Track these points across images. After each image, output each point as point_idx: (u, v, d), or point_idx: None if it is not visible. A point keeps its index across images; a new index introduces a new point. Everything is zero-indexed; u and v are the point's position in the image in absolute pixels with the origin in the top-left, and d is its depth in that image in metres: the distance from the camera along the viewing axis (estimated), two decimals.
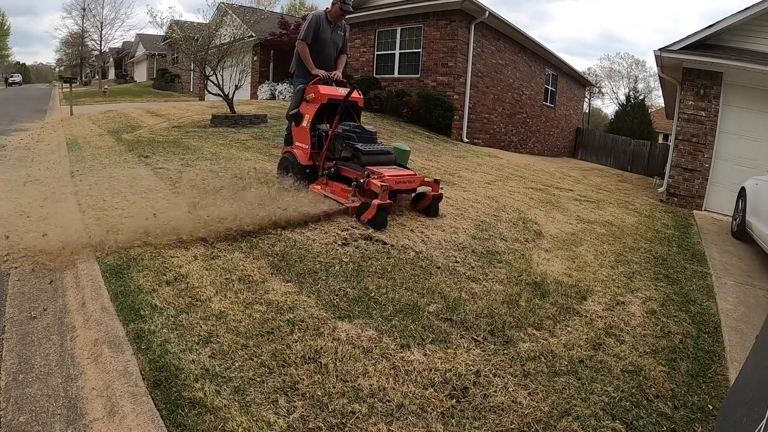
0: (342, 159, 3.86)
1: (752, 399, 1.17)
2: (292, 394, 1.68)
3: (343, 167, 3.82)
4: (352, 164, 3.77)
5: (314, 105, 4.03)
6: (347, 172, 3.78)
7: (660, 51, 7.87)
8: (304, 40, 4.27)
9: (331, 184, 3.89)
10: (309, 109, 4.07)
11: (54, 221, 3.06)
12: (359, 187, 3.57)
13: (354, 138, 3.85)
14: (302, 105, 4.16)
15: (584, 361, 2.13)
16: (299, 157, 4.06)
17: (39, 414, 1.50)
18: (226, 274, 2.53)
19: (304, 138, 4.10)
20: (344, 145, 3.85)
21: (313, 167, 4.05)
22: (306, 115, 4.09)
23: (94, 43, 35.17)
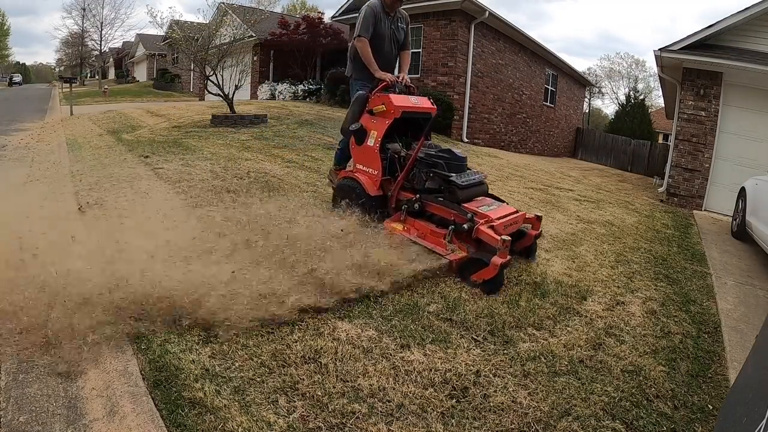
0: (426, 191, 3.09)
1: (752, 399, 1.17)
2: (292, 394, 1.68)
3: (429, 203, 3.02)
4: (445, 200, 2.98)
5: (384, 119, 3.24)
6: (436, 209, 2.99)
7: (660, 51, 7.87)
8: (362, 35, 3.51)
9: (413, 223, 3.05)
10: (377, 125, 3.27)
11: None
12: (458, 232, 2.82)
13: (443, 165, 3.06)
14: (365, 118, 3.35)
15: (584, 361, 2.13)
16: (366, 186, 3.25)
17: (39, 414, 1.50)
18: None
19: (371, 161, 3.29)
20: (431, 174, 3.08)
21: (382, 198, 3.26)
22: (373, 132, 3.27)
23: (94, 43, 35.22)
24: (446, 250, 2.82)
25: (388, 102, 3.22)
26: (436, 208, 3.00)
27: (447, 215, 2.92)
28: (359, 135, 3.34)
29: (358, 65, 3.68)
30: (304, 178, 4.91)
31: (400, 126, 3.30)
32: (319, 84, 14.24)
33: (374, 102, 3.31)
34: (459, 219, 2.84)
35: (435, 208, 3.00)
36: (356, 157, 3.44)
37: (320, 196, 4.21)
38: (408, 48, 3.89)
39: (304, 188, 4.41)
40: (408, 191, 3.18)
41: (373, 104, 3.31)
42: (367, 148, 3.31)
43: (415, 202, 3.04)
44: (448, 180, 3.01)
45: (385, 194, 3.27)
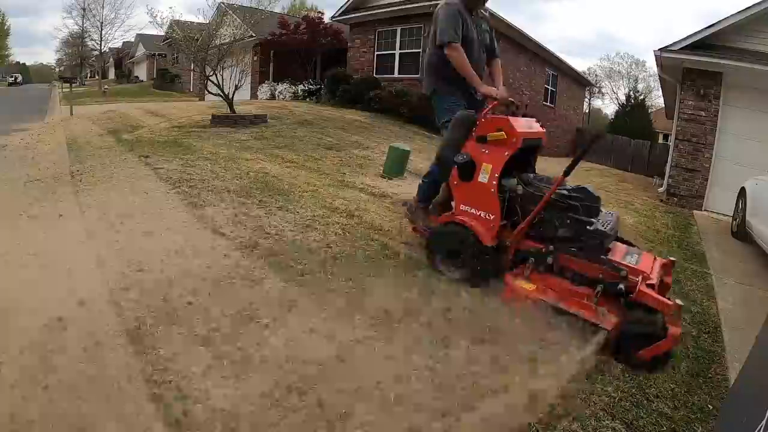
0: (560, 239, 2.41)
1: (752, 399, 1.17)
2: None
3: (564, 255, 2.37)
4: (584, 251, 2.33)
5: (503, 150, 2.55)
6: (575, 264, 2.35)
7: (660, 51, 7.87)
8: (452, 41, 2.81)
9: (547, 281, 2.38)
10: (493, 156, 2.57)
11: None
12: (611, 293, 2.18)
13: (578, 208, 2.41)
14: (472, 146, 2.64)
15: (584, 360, 2.13)
16: (480, 234, 2.57)
17: None
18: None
19: (486, 202, 2.59)
20: (568, 220, 2.40)
21: (497, 248, 2.59)
22: (487, 165, 2.57)
23: (94, 43, 35.19)
24: (599, 316, 2.15)
25: (508, 127, 2.54)
26: (576, 262, 2.34)
27: (590, 271, 2.29)
28: (466, 170, 2.63)
29: (442, 77, 2.97)
30: (304, 178, 4.91)
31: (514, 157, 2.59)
32: (319, 84, 14.24)
33: (488, 126, 2.61)
34: (608, 277, 2.21)
35: (573, 262, 2.35)
36: (461, 196, 2.70)
37: (321, 199, 4.20)
38: (498, 56, 3.16)
39: (304, 188, 4.41)
40: (531, 240, 2.51)
41: (486, 129, 2.61)
42: (479, 185, 2.60)
43: (549, 253, 2.38)
44: (589, 226, 2.35)
45: (500, 243, 2.59)
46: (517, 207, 2.58)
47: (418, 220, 3.05)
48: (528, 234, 2.52)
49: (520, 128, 2.57)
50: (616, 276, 2.19)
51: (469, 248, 2.59)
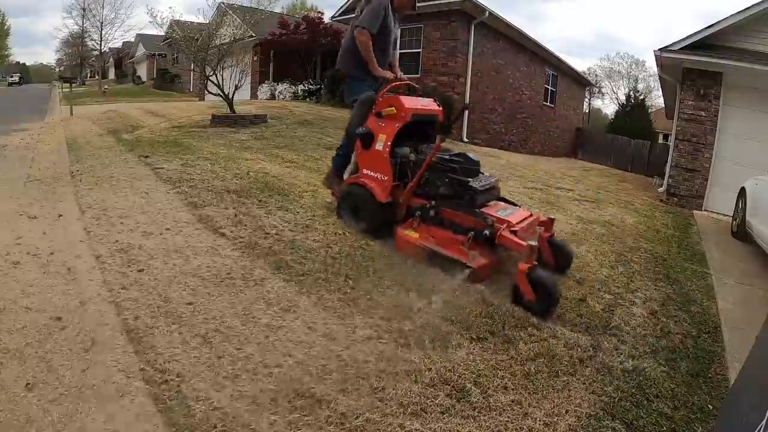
0: (441, 197, 2.91)
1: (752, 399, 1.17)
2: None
3: (445, 209, 2.86)
4: (461, 206, 2.83)
5: (395, 122, 3.10)
6: (452, 215, 2.84)
7: (660, 51, 7.87)
8: (369, 29, 3.32)
9: (428, 230, 2.89)
10: (386, 128, 3.12)
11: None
12: (480, 237, 2.67)
13: (458, 170, 2.93)
14: (372, 120, 3.19)
15: (584, 361, 2.13)
16: (376, 192, 3.09)
17: None
18: None
19: (381, 166, 3.12)
20: (447, 179, 2.91)
21: (391, 205, 3.11)
22: (382, 136, 3.12)
23: (94, 43, 35.20)
24: (468, 257, 2.64)
25: (398, 104, 3.09)
26: (453, 214, 2.83)
27: (465, 222, 2.76)
28: (366, 139, 3.18)
29: (358, 63, 3.46)
30: (304, 178, 4.90)
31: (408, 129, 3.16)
32: (319, 84, 14.24)
33: (382, 104, 3.15)
34: (478, 225, 2.69)
35: (452, 214, 2.83)
36: (363, 162, 3.25)
37: (321, 199, 4.20)
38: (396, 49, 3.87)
39: (304, 188, 4.41)
40: (419, 197, 3.01)
41: (381, 106, 3.15)
42: (375, 152, 3.15)
43: (431, 208, 2.89)
44: (465, 185, 2.85)
45: (394, 201, 3.11)
46: (408, 171, 3.08)
47: (333, 186, 3.65)
48: (416, 192, 3.02)
49: (409, 105, 3.11)
50: (484, 224, 2.67)
51: (367, 204, 3.15)
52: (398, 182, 3.12)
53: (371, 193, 3.11)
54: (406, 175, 3.11)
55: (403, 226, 3.01)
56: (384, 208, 3.09)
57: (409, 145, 3.19)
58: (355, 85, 3.55)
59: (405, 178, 3.11)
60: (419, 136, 3.28)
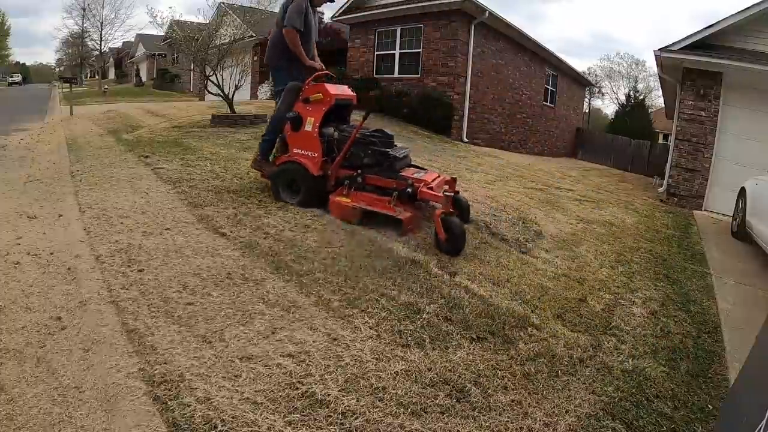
0: (366, 167, 3.49)
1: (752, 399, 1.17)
2: None
3: (370, 176, 3.46)
4: (384, 172, 3.43)
5: (320, 106, 3.61)
6: (377, 180, 3.44)
7: (660, 51, 7.87)
8: (295, 26, 3.76)
9: (358, 195, 3.46)
10: (313, 112, 3.62)
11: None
12: (404, 195, 3.28)
13: (378, 143, 3.52)
14: (299, 106, 3.69)
15: (584, 361, 2.13)
16: (310, 167, 3.57)
17: None
18: None
19: (310, 145, 3.60)
20: (370, 151, 3.50)
21: (323, 177, 3.62)
22: (310, 118, 3.61)
23: (94, 43, 35.19)
24: (396, 212, 3.28)
25: (324, 91, 3.62)
26: (377, 179, 3.43)
27: (388, 184, 3.37)
28: (295, 122, 3.65)
29: (285, 54, 3.89)
30: None
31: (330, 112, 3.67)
32: None
33: (310, 91, 3.67)
34: (400, 186, 3.30)
35: (376, 179, 3.44)
36: (294, 142, 3.71)
37: None
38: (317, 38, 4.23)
39: None
40: (345, 169, 3.56)
41: (308, 93, 3.67)
42: (305, 133, 3.63)
43: (358, 176, 3.46)
44: (385, 154, 3.45)
45: (324, 174, 3.61)
46: (334, 147, 3.64)
47: (264, 168, 3.99)
48: (343, 165, 3.57)
49: (333, 91, 3.65)
50: (405, 184, 3.30)
51: (302, 178, 3.61)
52: (326, 158, 3.62)
53: (305, 168, 3.59)
54: (332, 150, 3.63)
55: (334, 194, 3.53)
56: (317, 181, 3.57)
57: (331, 126, 3.71)
58: (281, 75, 4.01)
59: (331, 153, 3.64)
60: (337, 117, 3.83)
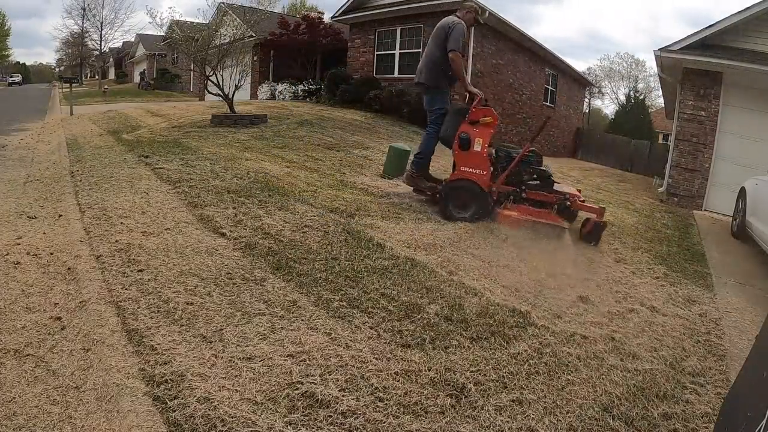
0: (525, 184, 3.92)
1: (752, 399, 1.17)
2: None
3: (531, 192, 3.90)
4: (542, 187, 3.90)
5: (489, 129, 3.95)
6: (536, 195, 3.88)
7: (660, 51, 7.87)
8: (458, 49, 4.04)
9: (523, 208, 3.86)
10: (482, 133, 3.94)
11: None
12: (562, 209, 3.86)
13: (534, 162, 3.96)
14: (466, 127, 3.95)
15: (584, 360, 2.13)
16: (480, 184, 3.91)
17: None
18: None
19: (480, 163, 3.93)
20: (530, 169, 3.95)
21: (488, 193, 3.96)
22: (479, 139, 3.94)
23: (94, 44, 35.19)
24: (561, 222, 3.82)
25: (493, 115, 3.97)
26: (538, 194, 3.88)
27: (549, 199, 3.85)
28: (465, 143, 3.94)
29: (447, 77, 4.18)
30: (304, 178, 4.90)
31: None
32: (319, 84, 14.22)
33: (478, 114, 3.97)
34: (559, 199, 3.85)
35: (536, 194, 3.88)
36: (462, 161, 3.99)
37: (321, 199, 4.20)
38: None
39: (304, 188, 4.41)
40: (507, 185, 3.93)
41: (477, 116, 3.96)
42: (474, 153, 3.94)
43: (522, 191, 3.89)
44: (545, 173, 3.92)
45: (489, 190, 3.94)
46: (498, 166, 4.02)
47: (421, 185, 4.33)
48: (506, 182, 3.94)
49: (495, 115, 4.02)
50: (563, 198, 3.86)
51: (473, 194, 3.93)
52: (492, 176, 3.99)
53: (477, 185, 3.91)
54: (496, 169, 4.01)
55: (501, 207, 3.92)
56: (486, 196, 3.92)
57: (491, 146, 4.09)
58: (440, 97, 4.27)
59: (495, 171, 4.01)
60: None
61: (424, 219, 3.92)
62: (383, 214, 3.91)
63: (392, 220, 3.78)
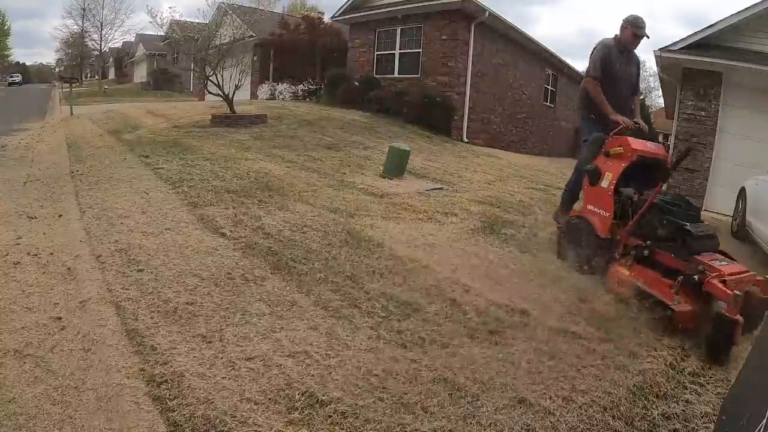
0: (656, 239, 2.86)
1: (752, 399, 1.17)
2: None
3: (658, 251, 2.82)
4: (675, 249, 2.75)
5: (620, 162, 3.16)
6: (664, 257, 2.79)
7: (660, 51, 7.86)
8: (593, 75, 3.50)
9: (638, 270, 2.86)
10: (612, 167, 3.18)
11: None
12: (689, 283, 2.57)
13: (677, 213, 2.85)
14: (600, 159, 3.29)
15: (586, 359, 2.13)
16: (598, 227, 3.15)
17: None
18: None
19: (603, 202, 3.17)
20: (663, 221, 2.85)
21: (609, 241, 3.11)
22: (608, 174, 3.18)
23: (94, 43, 35.18)
24: (672, 300, 2.56)
25: (625, 144, 3.16)
26: (666, 256, 2.78)
27: (676, 265, 2.70)
28: (593, 175, 3.26)
29: (587, 103, 3.62)
30: (304, 178, 4.90)
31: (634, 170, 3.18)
32: (319, 84, 14.23)
33: (611, 144, 3.25)
34: (689, 270, 2.60)
35: (664, 256, 2.79)
36: (588, 197, 3.36)
37: (321, 199, 4.20)
38: (638, 92, 3.90)
39: (304, 188, 4.41)
40: (637, 237, 2.98)
41: (609, 146, 3.25)
42: (600, 189, 3.22)
43: (645, 248, 2.86)
44: (681, 228, 2.76)
45: (612, 238, 3.10)
46: (630, 210, 3.05)
47: (560, 221, 3.72)
48: (635, 232, 2.96)
49: (636, 146, 3.11)
50: (694, 270, 2.55)
51: (588, 237, 3.18)
52: (619, 221, 3.11)
53: (592, 227, 3.17)
54: (627, 214, 3.08)
55: (617, 262, 3.00)
56: (602, 243, 3.10)
57: (633, 186, 3.17)
58: (586, 124, 3.74)
59: (626, 217, 3.08)
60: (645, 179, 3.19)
61: (424, 219, 3.93)
62: (383, 214, 3.91)
63: (392, 220, 3.78)
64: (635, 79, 3.78)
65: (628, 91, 3.69)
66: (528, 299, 2.68)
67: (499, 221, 4.18)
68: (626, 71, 3.61)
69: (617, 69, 3.52)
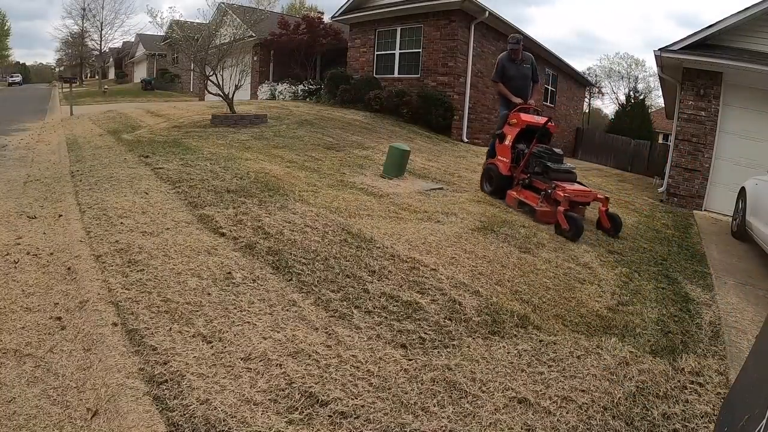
0: (534, 173, 4.67)
1: (752, 399, 1.17)
2: None
3: (534, 179, 4.64)
4: (542, 178, 4.55)
5: (515, 128, 4.99)
6: (538, 183, 4.61)
7: (660, 51, 7.86)
8: (494, 78, 5.55)
9: (523, 192, 4.76)
10: (511, 131, 5.03)
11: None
12: (547, 196, 4.38)
13: (545, 157, 4.62)
14: (506, 127, 5.13)
15: (585, 360, 2.13)
16: (501, 168, 5.05)
17: None
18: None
19: (505, 153, 5.04)
20: (537, 162, 4.64)
21: (509, 177, 4.97)
22: (508, 136, 5.05)
23: (94, 44, 35.17)
24: (537, 204, 4.46)
25: (518, 117, 5.02)
26: (538, 183, 4.61)
27: (543, 187, 4.50)
28: (501, 137, 5.18)
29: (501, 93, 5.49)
30: (304, 178, 4.90)
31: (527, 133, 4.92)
32: (319, 84, 14.23)
33: (511, 117, 5.12)
34: (547, 188, 4.40)
35: (537, 183, 4.63)
36: (498, 151, 5.22)
37: (321, 199, 4.20)
38: (537, 81, 5.66)
39: (304, 188, 4.41)
40: (523, 173, 4.81)
41: (510, 118, 5.12)
42: (504, 146, 5.10)
43: (527, 179, 4.74)
44: (546, 165, 4.55)
45: (511, 175, 4.97)
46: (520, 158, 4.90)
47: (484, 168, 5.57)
48: (523, 170, 4.84)
49: (525, 118, 4.99)
50: (549, 187, 4.38)
51: (496, 176, 5.15)
52: (516, 164, 4.94)
53: (498, 169, 5.10)
54: (519, 160, 4.90)
55: (512, 189, 4.92)
56: (504, 179, 5.01)
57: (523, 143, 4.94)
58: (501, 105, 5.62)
59: (518, 162, 4.89)
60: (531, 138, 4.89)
61: (424, 219, 3.93)
62: (383, 214, 3.91)
63: (392, 220, 3.78)
64: (529, 72, 5.52)
65: (525, 82, 5.46)
66: (529, 300, 2.67)
67: (498, 221, 4.18)
68: (519, 70, 5.42)
69: (511, 70, 5.39)
